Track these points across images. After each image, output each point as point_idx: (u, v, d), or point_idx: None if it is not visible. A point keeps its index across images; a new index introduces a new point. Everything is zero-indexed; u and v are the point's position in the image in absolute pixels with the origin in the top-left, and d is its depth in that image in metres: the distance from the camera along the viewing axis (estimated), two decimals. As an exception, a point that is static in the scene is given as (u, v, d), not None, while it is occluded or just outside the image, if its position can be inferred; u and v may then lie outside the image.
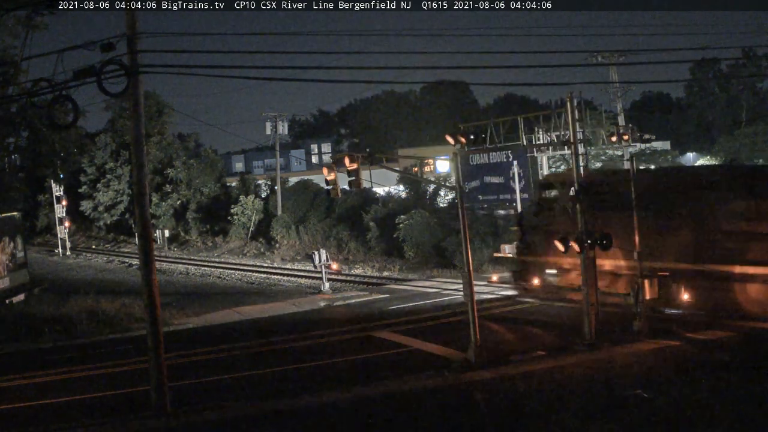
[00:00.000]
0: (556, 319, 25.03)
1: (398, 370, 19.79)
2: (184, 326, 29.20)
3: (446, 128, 29.16)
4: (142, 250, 17.22)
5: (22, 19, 34.78)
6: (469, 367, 19.13)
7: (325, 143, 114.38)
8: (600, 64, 49.24)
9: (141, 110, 17.06)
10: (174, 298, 36.41)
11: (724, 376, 17.08)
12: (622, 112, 53.14)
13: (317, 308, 32.25)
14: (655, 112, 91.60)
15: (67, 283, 44.30)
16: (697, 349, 19.79)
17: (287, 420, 16.16)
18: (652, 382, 16.80)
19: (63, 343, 27.18)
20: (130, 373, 21.36)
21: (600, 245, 20.61)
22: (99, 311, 30.57)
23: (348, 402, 17.18)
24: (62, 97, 15.88)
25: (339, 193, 21.50)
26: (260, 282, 44.82)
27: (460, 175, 20.75)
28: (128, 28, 16.28)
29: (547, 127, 38.08)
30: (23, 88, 25.38)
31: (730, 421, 14.15)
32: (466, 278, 19.92)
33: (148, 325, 17.08)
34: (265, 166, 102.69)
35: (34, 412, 17.92)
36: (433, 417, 15.83)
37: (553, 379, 17.78)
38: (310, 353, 22.86)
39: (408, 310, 29.34)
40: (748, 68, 75.67)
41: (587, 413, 15.12)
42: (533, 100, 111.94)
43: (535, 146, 38.42)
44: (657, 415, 14.78)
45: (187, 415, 16.87)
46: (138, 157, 17.18)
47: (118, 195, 71.64)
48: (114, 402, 18.47)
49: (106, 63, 15.55)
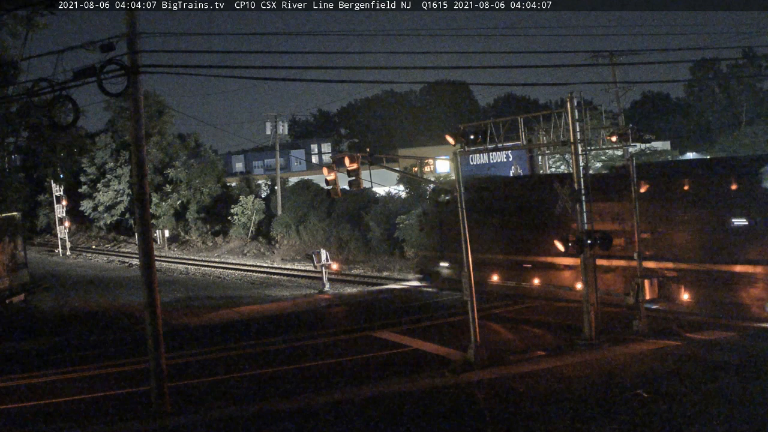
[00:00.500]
0: (556, 319, 25.05)
1: (398, 370, 19.82)
2: (184, 326, 29.18)
3: (446, 128, 29.21)
4: (142, 250, 17.23)
5: (22, 19, 34.77)
6: (469, 367, 19.13)
7: (325, 143, 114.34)
8: (600, 64, 49.21)
9: (141, 110, 17.07)
10: (174, 298, 36.40)
11: (724, 376, 17.09)
12: (622, 112, 53.11)
13: (317, 308, 32.24)
14: (654, 112, 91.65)
15: (67, 283, 44.29)
16: (697, 349, 19.78)
17: (287, 420, 16.16)
18: (652, 382, 16.81)
19: (63, 343, 27.18)
20: (130, 373, 21.37)
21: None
22: (99, 311, 30.56)
23: (348, 402, 17.18)
24: (62, 97, 15.89)
25: (339, 193, 21.51)
26: (260, 282, 44.77)
27: (460, 175, 20.73)
28: (128, 28, 16.28)
29: (547, 127, 38.04)
30: (23, 88, 25.37)
31: (730, 421, 14.15)
32: (467, 278, 19.92)
33: (148, 325, 17.09)
34: (265, 166, 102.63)
35: (34, 412, 17.92)
36: (433, 417, 15.83)
37: (553, 379, 17.79)
38: (310, 353, 22.87)
39: (408, 310, 29.34)
40: (748, 68, 75.59)
41: (587, 413, 15.13)
42: (533, 100, 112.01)
43: (535, 146, 38.39)
44: (657, 415, 14.78)
45: (187, 415, 16.88)
46: (138, 157, 17.19)
47: (118, 195, 71.61)
48: (114, 402, 18.48)
49: (106, 63, 15.57)
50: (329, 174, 21.12)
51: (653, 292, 22.40)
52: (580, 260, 21.67)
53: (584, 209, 21.34)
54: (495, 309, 27.58)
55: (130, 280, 46.27)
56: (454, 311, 27.23)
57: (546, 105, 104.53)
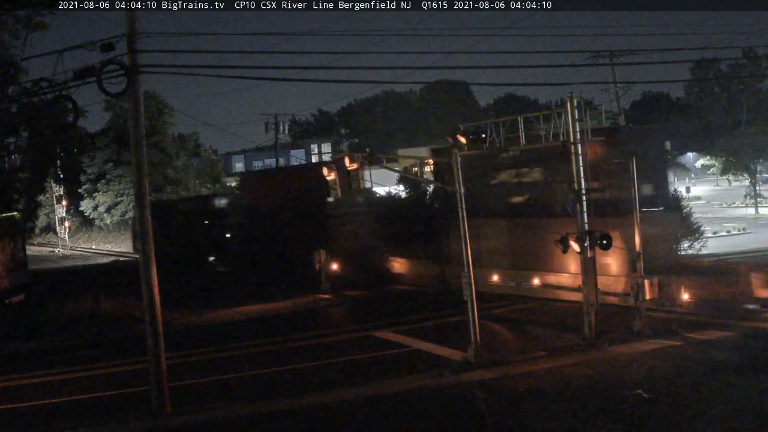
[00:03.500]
0: (556, 319, 25.03)
1: (398, 369, 19.82)
2: (184, 326, 29.16)
3: (446, 128, 29.22)
4: (142, 250, 17.23)
5: (22, 19, 34.79)
6: (469, 367, 19.13)
7: (325, 143, 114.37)
8: (600, 64, 49.20)
9: (141, 110, 17.07)
10: (173, 298, 36.29)
11: (724, 376, 17.08)
12: (622, 112, 53.09)
13: (317, 308, 32.21)
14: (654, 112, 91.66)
15: (67, 283, 44.24)
16: (697, 349, 19.78)
17: (287, 420, 16.17)
18: (652, 382, 16.81)
19: (63, 343, 27.17)
20: (130, 373, 21.37)
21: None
22: (99, 311, 30.50)
23: (348, 402, 17.19)
24: (62, 97, 15.91)
25: (339, 193, 21.48)
26: (260, 282, 44.68)
27: (460, 175, 20.70)
28: (128, 28, 16.29)
29: (548, 128, 37.98)
30: (23, 88, 25.38)
31: (730, 421, 14.14)
32: (467, 278, 19.91)
33: (148, 325, 17.10)
34: (265, 166, 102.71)
35: (34, 412, 17.93)
36: (433, 417, 15.84)
37: (553, 379, 17.78)
38: (311, 353, 22.87)
39: (407, 310, 29.32)
40: (748, 68, 75.57)
41: (587, 413, 15.12)
42: (533, 100, 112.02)
43: (535, 146, 38.27)
44: (657, 415, 14.78)
45: (187, 415, 16.89)
46: (138, 157, 17.18)
47: (118, 195, 71.63)
48: (114, 402, 18.49)
49: (106, 63, 15.58)
50: (329, 174, 21.10)
51: (653, 293, 22.40)
52: (580, 260, 21.60)
53: (584, 209, 21.31)
54: (495, 309, 27.55)
55: (130, 280, 46.16)
56: (455, 311, 27.18)
57: (546, 105, 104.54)
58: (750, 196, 61.63)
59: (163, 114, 72.08)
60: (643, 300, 21.86)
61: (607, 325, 21.85)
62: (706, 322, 22.53)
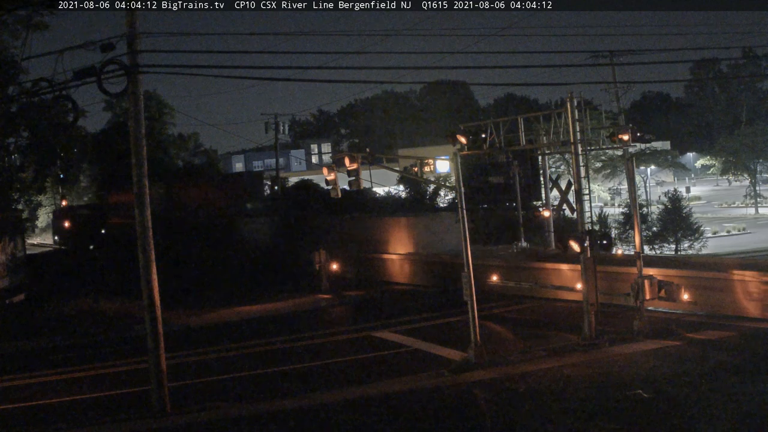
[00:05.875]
0: (556, 319, 25.03)
1: (398, 369, 19.82)
2: (184, 326, 29.16)
3: (446, 128, 29.24)
4: (141, 250, 17.22)
5: (22, 19, 34.78)
6: (469, 367, 19.12)
7: (325, 143, 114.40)
8: (600, 64, 49.28)
9: (141, 110, 17.05)
10: (172, 298, 36.28)
11: (724, 376, 17.08)
12: (623, 112, 53.14)
13: (317, 308, 32.22)
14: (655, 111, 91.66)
15: (67, 282, 44.21)
16: (697, 349, 19.77)
17: (287, 420, 16.16)
18: (652, 382, 16.80)
19: (63, 343, 27.17)
20: (130, 373, 21.37)
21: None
22: (99, 311, 30.51)
23: (348, 402, 17.18)
24: (62, 96, 15.91)
25: (339, 193, 21.49)
26: (260, 281, 44.69)
27: (460, 175, 20.71)
28: (128, 28, 16.28)
29: (548, 128, 38.02)
30: (23, 88, 25.38)
31: (730, 421, 14.14)
32: (467, 278, 19.90)
33: (148, 325, 17.09)
34: (264, 166, 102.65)
35: (34, 412, 17.93)
36: (433, 417, 15.83)
37: (553, 379, 17.77)
38: (310, 353, 22.87)
39: (407, 309, 29.34)
40: (748, 68, 75.64)
41: (587, 413, 15.12)
42: (533, 100, 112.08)
43: (535, 146, 38.34)
44: (657, 415, 14.78)
45: (187, 415, 16.88)
46: (138, 157, 17.18)
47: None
48: (114, 402, 18.48)
49: (106, 63, 15.58)
50: (329, 174, 21.10)
51: (654, 293, 22.36)
52: (581, 260, 21.60)
53: (584, 209, 21.32)
54: (495, 309, 27.55)
55: (130, 280, 46.14)
56: (455, 311, 27.20)
57: (546, 105, 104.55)
58: (750, 196, 61.68)
59: (163, 114, 71.96)
60: (642, 300, 21.84)
61: (607, 324, 21.85)
62: (706, 322, 22.51)
